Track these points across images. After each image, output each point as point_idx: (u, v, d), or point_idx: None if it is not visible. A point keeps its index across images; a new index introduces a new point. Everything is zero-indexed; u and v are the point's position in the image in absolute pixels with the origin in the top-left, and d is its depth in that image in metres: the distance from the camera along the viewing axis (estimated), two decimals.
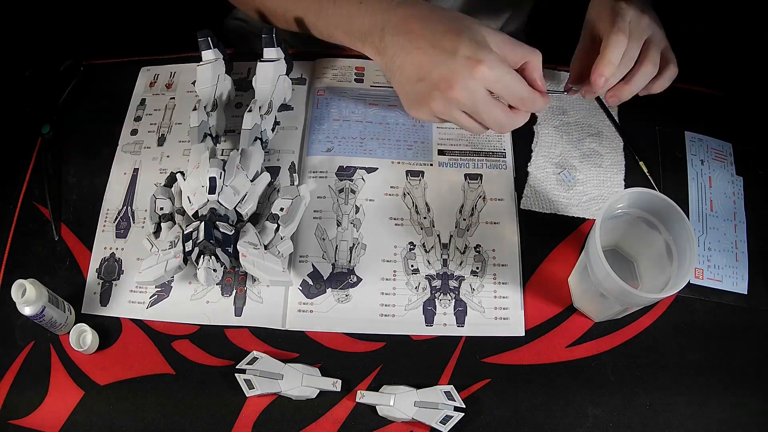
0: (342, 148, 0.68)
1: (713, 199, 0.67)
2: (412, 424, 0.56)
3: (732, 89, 0.73)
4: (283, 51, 0.66)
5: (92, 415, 0.57)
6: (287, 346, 0.60)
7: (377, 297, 0.61)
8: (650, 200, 0.55)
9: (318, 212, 0.65)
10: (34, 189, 0.67)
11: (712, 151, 0.69)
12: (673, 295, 0.51)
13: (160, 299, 0.61)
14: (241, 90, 0.72)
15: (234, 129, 0.69)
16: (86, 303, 0.62)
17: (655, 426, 0.57)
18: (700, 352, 0.60)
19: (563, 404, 0.58)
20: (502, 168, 0.68)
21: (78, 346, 0.58)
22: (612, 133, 0.70)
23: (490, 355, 0.59)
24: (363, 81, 0.73)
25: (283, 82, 0.67)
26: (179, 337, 0.60)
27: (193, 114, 0.64)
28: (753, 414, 0.58)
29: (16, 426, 0.57)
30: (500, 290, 0.62)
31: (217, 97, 0.67)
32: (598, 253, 0.51)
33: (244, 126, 0.63)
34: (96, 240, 0.64)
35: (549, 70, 0.73)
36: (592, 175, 0.68)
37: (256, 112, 0.63)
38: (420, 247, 0.63)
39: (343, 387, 0.57)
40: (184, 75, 0.73)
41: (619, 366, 0.59)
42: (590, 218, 0.65)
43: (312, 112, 0.71)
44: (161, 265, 0.57)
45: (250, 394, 0.57)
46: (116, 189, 0.67)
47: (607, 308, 0.57)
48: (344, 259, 0.63)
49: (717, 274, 0.63)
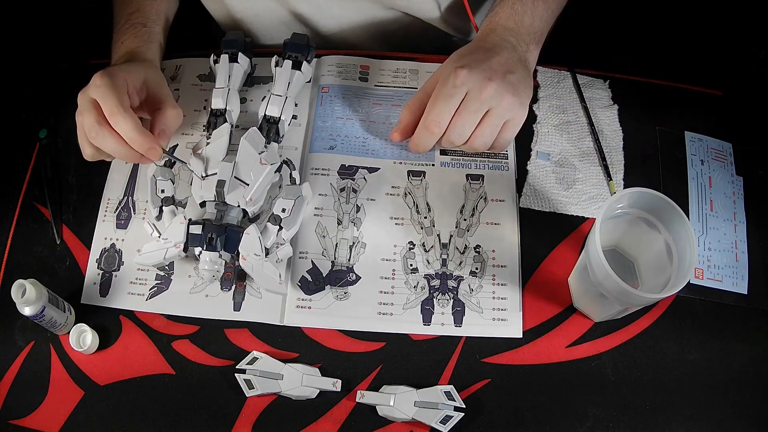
0: (344, 146, 0.68)
1: (713, 199, 0.67)
2: (412, 424, 0.56)
3: (732, 89, 0.73)
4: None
5: (92, 415, 0.57)
6: (287, 346, 0.60)
7: (376, 295, 0.61)
8: (650, 200, 0.55)
9: (319, 209, 0.65)
10: (34, 189, 0.67)
11: (712, 151, 0.69)
12: (673, 295, 0.51)
13: (160, 292, 0.61)
14: (246, 85, 0.72)
15: (239, 124, 0.69)
16: (85, 293, 0.62)
17: (655, 426, 0.57)
18: (700, 352, 0.60)
19: (563, 404, 0.58)
20: (503, 169, 0.68)
21: (78, 346, 0.58)
22: (612, 132, 0.70)
23: (490, 355, 0.59)
24: (368, 80, 0.73)
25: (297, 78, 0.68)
26: (179, 337, 0.60)
27: (216, 98, 0.64)
28: (753, 414, 0.58)
29: (16, 426, 0.57)
30: (499, 291, 0.62)
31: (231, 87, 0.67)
32: (598, 253, 0.51)
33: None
34: (96, 230, 0.64)
35: (549, 69, 0.73)
36: (592, 174, 0.68)
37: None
38: (420, 247, 0.63)
39: (343, 387, 0.57)
40: (189, 68, 0.73)
41: (619, 366, 0.59)
42: (590, 217, 0.65)
43: (316, 109, 0.71)
44: (161, 251, 0.58)
45: (250, 394, 0.57)
46: (117, 178, 0.67)
47: (607, 308, 0.57)
48: (344, 257, 0.63)
49: (717, 274, 0.63)
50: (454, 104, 0.59)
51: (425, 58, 0.74)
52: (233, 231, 0.59)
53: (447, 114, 0.60)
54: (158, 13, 0.70)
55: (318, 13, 0.76)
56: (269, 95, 0.65)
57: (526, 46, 0.63)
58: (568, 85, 0.73)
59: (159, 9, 0.70)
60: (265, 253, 0.59)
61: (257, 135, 0.63)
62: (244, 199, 0.60)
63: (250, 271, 0.58)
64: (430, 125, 0.61)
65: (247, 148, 0.61)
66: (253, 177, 0.60)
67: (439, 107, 0.60)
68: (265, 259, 0.59)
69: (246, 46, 0.69)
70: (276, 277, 0.58)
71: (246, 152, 0.61)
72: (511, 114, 0.60)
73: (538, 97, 0.71)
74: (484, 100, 0.59)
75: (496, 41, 0.62)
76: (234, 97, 0.66)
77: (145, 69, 0.62)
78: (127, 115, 0.56)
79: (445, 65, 0.62)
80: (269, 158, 0.62)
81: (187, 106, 0.70)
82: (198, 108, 0.71)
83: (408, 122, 0.64)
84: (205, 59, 0.72)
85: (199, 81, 0.72)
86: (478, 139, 0.61)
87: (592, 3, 1.03)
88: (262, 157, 0.61)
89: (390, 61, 0.74)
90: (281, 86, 0.66)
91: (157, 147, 0.58)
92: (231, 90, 0.66)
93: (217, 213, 0.61)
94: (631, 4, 1.11)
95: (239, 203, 0.60)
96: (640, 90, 0.73)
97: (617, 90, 0.72)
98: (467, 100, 0.59)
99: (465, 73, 0.58)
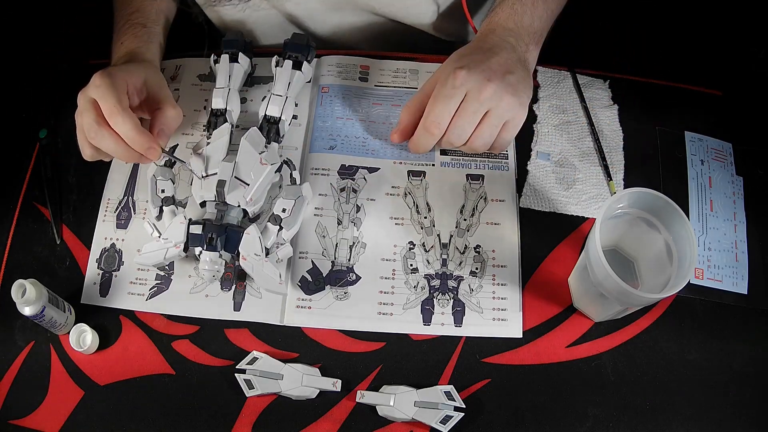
0: (344, 146, 0.68)
1: (713, 199, 0.67)
2: (412, 424, 0.56)
3: (732, 89, 0.73)
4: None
5: (92, 415, 0.57)
6: (287, 346, 0.60)
7: (376, 295, 0.61)
8: (650, 200, 0.55)
9: (319, 209, 0.65)
10: (34, 189, 0.67)
11: (712, 151, 0.69)
12: (673, 295, 0.51)
13: (160, 292, 0.61)
14: (247, 85, 0.72)
15: (239, 124, 0.69)
16: (85, 293, 0.62)
17: (655, 426, 0.57)
18: (700, 352, 0.60)
19: (563, 404, 0.58)
20: (503, 169, 0.68)
21: (78, 346, 0.58)
22: (612, 132, 0.70)
23: (490, 355, 0.59)
24: (367, 80, 0.73)
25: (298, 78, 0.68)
26: (179, 337, 0.60)
27: (216, 98, 0.65)
28: (753, 414, 0.58)
29: (16, 426, 0.57)
30: (499, 291, 0.62)
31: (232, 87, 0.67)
32: (598, 253, 0.51)
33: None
34: (96, 230, 0.64)
35: (549, 69, 0.73)
36: (592, 174, 0.68)
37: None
38: (420, 247, 0.63)
39: (343, 387, 0.57)
40: (189, 68, 0.73)
41: (619, 366, 0.59)
42: (590, 217, 0.65)
43: (316, 109, 0.71)
44: (161, 251, 0.58)
45: (250, 394, 0.57)
46: (117, 178, 0.67)
47: (607, 308, 0.57)
48: (344, 257, 0.63)
49: (717, 274, 0.63)
50: (453, 105, 0.59)
51: (425, 58, 0.74)
52: (233, 231, 0.59)
53: (447, 115, 0.60)
54: (158, 13, 0.70)
55: (312, 19, 0.77)
56: (269, 95, 0.65)
57: (526, 47, 0.63)
58: (568, 85, 0.73)
59: (159, 9, 0.70)
60: (266, 253, 0.59)
61: (257, 135, 0.63)
62: (245, 199, 0.60)
63: (251, 271, 0.58)
64: (429, 126, 0.61)
65: (248, 148, 0.61)
66: (254, 177, 0.60)
67: (439, 108, 0.60)
68: (266, 259, 0.59)
69: (246, 46, 0.69)
70: (276, 277, 0.58)
71: (246, 152, 0.61)
72: (510, 114, 0.60)
73: (538, 97, 0.71)
74: (483, 101, 0.59)
75: (496, 42, 0.62)
76: (234, 97, 0.66)
77: (145, 69, 0.62)
78: (125, 115, 0.56)
79: (444, 66, 0.62)
80: (269, 158, 0.62)
81: (187, 106, 0.70)
82: (198, 108, 0.71)
83: (407, 123, 0.64)
84: (205, 59, 0.72)
85: (199, 81, 0.72)
86: (477, 139, 0.61)
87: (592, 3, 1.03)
88: (263, 157, 0.61)
89: (390, 61, 0.74)
90: (281, 86, 0.66)
91: (156, 146, 0.58)
92: (231, 90, 0.66)
93: (217, 213, 0.61)
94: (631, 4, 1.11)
95: (239, 203, 0.60)
96: (640, 90, 0.73)
97: (617, 90, 0.72)
98: (467, 100, 0.59)
99: (464, 73, 0.58)
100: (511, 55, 0.61)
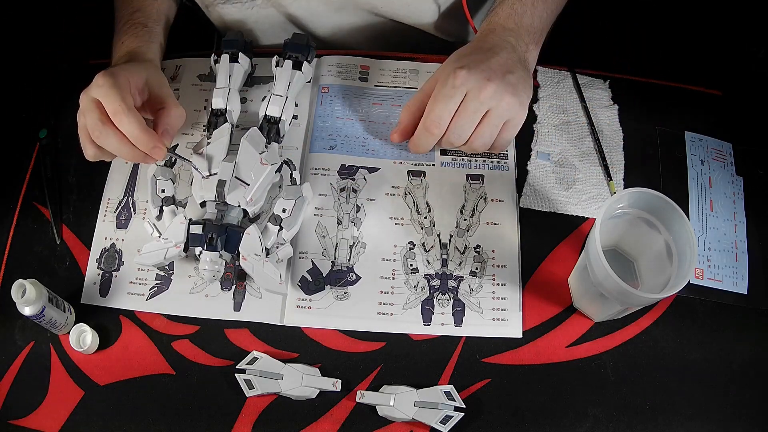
0: (344, 146, 0.68)
1: (713, 199, 0.67)
2: (412, 424, 0.56)
3: (732, 89, 0.73)
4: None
5: (92, 415, 0.57)
6: (287, 346, 0.60)
7: (376, 295, 0.61)
8: (650, 200, 0.55)
9: (319, 209, 0.65)
10: (34, 189, 0.67)
11: (712, 151, 0.69)
12: (673, 295, 0.51)
13: (160, 291, 0.61)
14: (247, 85, 0.72)
15: (239, 124, 0.69)
16: (85, 293, 0.62)
17: (655, 426, 0.57)
18: (700, 352, 0.60)
19: (563, 404, 0.58)
20: (503, 169, 0.68)
21: (78, 346, 0.58)
22: (612, 132, 0.70)
23: (490, 355, 0.59)
24: (368, 80, 0.73)
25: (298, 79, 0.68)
26: (179, 337, 0.60)
27: (216, 98, 0.65)
28: (753, 414, 0.58)
29: (16, 426, 0.57)
30: (499, 291, 0.62)
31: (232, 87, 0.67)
32: (598, 253, 0.51)
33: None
34: (96, 230, 0.64)
35: (549, 69, 0.74)
36: (592, 174, 0.68)
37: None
38: (420, 247, 0.63)
39: (343, 387, 0.57)
40: (189, 68, 0.73)
41: (619, 366, 0.59)
42: (590, 217, 0.65)
43: (316, 109, 0.71)
44: (161, 251, 0.58)
45: (250, 394, 0.57)
46: (117, 178, 0.67)
47: (607, 308, 0.57)
48: (344, 257, 0.63)
49: (717, 274, 0.63)
50: (453, 105, 0.59)
51: (425, 58, 0.74)
52: (234, 231, 0.59)
53: (447, 115, 0.60)
54: (159, 13, 0.70)
55: (312, 19, 0.77)
56: (270, 95, 0.65)
57: (526, 46, 0.63)
58: (568, 85, 0.73)
59: (160, 9, 0.70)
60: (266, 253, 0.59)
61: (258, 135, 0.63)
62: (245, 199, 0.60)
63: (251, 271, 0.58)
64: (429, 126, 0.61)
65: (248, 148, 0.61)
66: (254, 177, 0.60)
67: (439, 108, 0.60)
68: (266, 259, 0.59)
69: (246, 46, 0.69)
70: (276, 277, 0.58)
71: (246, 152, 0.61)
72: (510, 114, 0.60)
73: (538, 97, 0.71)
74: (483, 101, 0.59)
75: (496, 41, 0.62)
76: (234, 97, 0.66)
77: (147, 69, 0.63)
78: (131, 114, 0.56)
79: (444, 66, 0.62)
80: (270, 158, 0.62)
81: (187, 106, 0.70)
82: (198, 108, 0.71)
83: (407, 123, 0.64)
84: (205, 59, 0.72)
85: (199, 81, 0.72)
86: (477, 139, 0.61)
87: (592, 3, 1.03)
88: (263, 157, 0.61)
89: (390, 61, 0.74)
90: (282, 86, 0.66)
91: (161, 146, 0.58)
92: (231, 90, 0.66)
93: (217, 213, 0.61)
94: (631, 4, 1.11)
95: (240, 203, 0.60)
96: (640, 90, 0.73)
97: (617, 90, 0.72)
98: (466, 100, 0.59)
99: (464, 73, 0.58)
100: (511, 55, 0.61)
